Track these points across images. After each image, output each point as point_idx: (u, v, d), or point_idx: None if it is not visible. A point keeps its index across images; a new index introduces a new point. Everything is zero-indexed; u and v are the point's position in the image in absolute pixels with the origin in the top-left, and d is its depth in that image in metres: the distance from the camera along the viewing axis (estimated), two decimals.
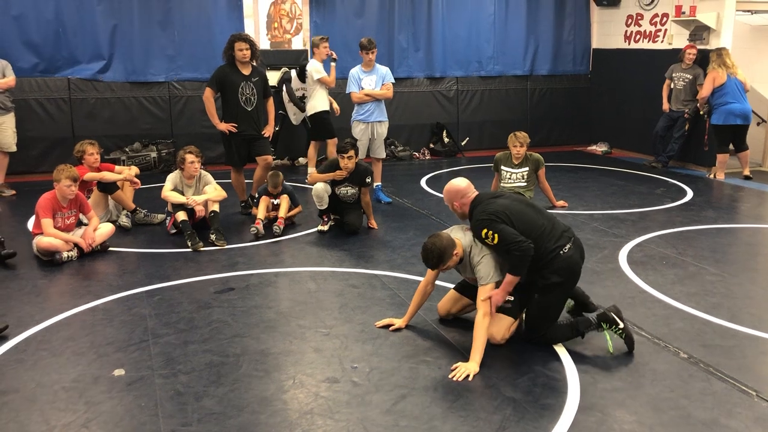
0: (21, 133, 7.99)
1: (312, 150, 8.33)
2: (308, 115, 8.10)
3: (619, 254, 5.48)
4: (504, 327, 3.83)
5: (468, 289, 4.08)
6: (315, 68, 7.79)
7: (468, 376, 3.46)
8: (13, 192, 7.71)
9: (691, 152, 9.22)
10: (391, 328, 4.05)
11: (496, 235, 3.67)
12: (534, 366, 3.62)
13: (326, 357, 3.72)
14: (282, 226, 6.11)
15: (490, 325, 3.74)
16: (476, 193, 3.99)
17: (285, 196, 6.34)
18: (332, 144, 7.99)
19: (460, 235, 3.88)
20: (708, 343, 3.89)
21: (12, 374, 3.53)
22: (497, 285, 3.75)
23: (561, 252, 3.75)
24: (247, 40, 6.44)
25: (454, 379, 3.45)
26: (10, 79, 7.70)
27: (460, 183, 4.01)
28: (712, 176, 8.62)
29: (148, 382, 3.43)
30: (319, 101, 7.92)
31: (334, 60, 8.03)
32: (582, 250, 3.93)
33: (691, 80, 8.88)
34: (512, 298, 3.86)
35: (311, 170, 8.31)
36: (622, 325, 3.75)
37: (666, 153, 9.24)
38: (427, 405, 3.22)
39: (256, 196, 6.58)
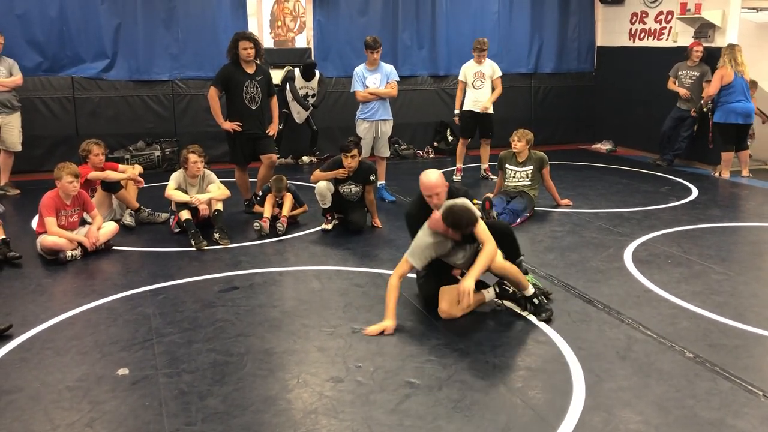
0: (25, 132, 7.97)
1: (483, 150, 8.58)
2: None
3: (624, 253, 5.46)
4: (453, 300, 4.05)
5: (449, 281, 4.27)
6: (492, 67, 8.21)
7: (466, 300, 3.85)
8: (18, 191, 7.71)
9: (696, 150, 9.16)
10: (386, 332, 3.97)
11: None
12: (539, 365, 3.61)
13: (330, 356, 3.71)
14: (285, 225, 6.10)
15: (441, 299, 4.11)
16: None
17: (288, 194, 6.33)
18: (485, 143, 8.50)
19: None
20: (714, 342, 3.87)
21: (16, 373, 3.54)
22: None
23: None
24: (251, 38, 6.43)
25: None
26: (17, 78, 7.69)
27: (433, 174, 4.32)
28: (717, 175, 8.58)
29: (152, 382, 3.43)
30: (477, 99, 8.27)
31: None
32: None
33: (698, 77, 8.82)
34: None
35: (484, 166, 8.62)
36: (550, 307, 4.20)
37: (673, 151, 9.19)
38: (431, 404, 3.21)
39: (260, 194, 6.58)
